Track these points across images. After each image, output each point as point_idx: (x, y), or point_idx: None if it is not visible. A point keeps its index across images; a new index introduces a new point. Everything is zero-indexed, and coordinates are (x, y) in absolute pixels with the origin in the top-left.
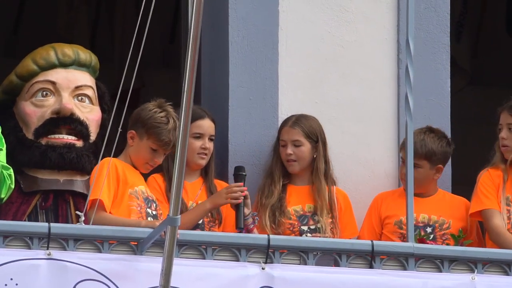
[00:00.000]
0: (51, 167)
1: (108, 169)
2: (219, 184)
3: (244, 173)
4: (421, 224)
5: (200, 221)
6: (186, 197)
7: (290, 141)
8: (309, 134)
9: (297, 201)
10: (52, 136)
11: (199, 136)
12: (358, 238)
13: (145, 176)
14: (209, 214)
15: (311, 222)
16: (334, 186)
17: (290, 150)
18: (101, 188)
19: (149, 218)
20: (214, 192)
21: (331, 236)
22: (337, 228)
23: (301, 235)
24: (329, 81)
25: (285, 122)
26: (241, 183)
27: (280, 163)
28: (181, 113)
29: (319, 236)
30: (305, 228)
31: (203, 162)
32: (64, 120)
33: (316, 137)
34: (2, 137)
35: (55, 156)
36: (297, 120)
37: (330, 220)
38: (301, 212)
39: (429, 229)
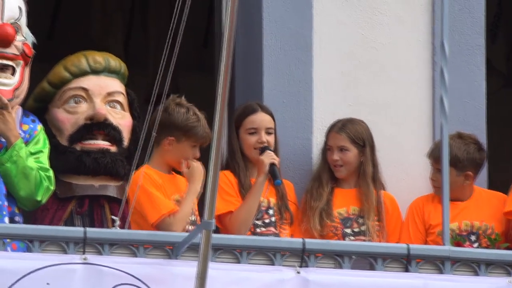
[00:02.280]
0: (86, 172)
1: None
2: (286, 184)
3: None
4: (464, 233)
5: (273, 219)
6: None
7: (336, 147)
8: (355, 139)
9: (342, 203)
10: (87, 141)
11: (253, 132)
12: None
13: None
14: (279, 212)
15: (355, 225)
16: (382, 190)
17: (336, 156)
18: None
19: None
20: (282, 189)
21: (378, 240)
22: (384, 232)
23: (344, 238)
24: (363, 83)
25: (332, 127)
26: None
27: (327, 167)
28: (215, 117)
29: (363, 240)
30: (348, 231)
31: None
32: (98, 126)
33: (363, 142)
34: (46, 137)
35: (90, 161)
36: (343, 126)
37: (377, 223)
38: (345, 215)
39: (473, 237)
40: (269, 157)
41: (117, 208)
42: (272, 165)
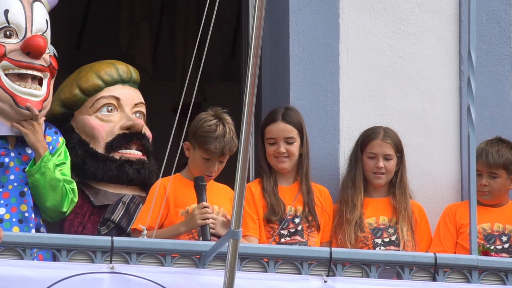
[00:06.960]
0: (126, 182)
1: (156, 193)
2: (317, 188)
3: (204, 183)
4: (496, 233)
5: (300, 227)
6: (284, 201)
7: (381, 155)
8: (397, 148)
9: (371, 213)
10: (124, 151)
11: (273, 143)
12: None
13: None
14: (306, 220)
15: (385, 235)
16: (410, 199)
17: (381, 163)
18: (148, 214)
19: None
20: (309, 195)
21: (409, 249)
22: (413, 241)
23: (374, 248)
24: (390, 93)
25: (374, 134)
26: (207, 204)
27: (363, 175)
28: (242, 127)
29: (394, 249)
30: (378, 241)
31: (284, 166)
32: (136, 136)
33: (401, 150)
34: (67, 150)
35: (132, 171)
36: (386, 133)
37: (410, 232)
38: (375, 225)
39: (504, 238)
40: (202, 216)
41: None
42: (204, 226)
